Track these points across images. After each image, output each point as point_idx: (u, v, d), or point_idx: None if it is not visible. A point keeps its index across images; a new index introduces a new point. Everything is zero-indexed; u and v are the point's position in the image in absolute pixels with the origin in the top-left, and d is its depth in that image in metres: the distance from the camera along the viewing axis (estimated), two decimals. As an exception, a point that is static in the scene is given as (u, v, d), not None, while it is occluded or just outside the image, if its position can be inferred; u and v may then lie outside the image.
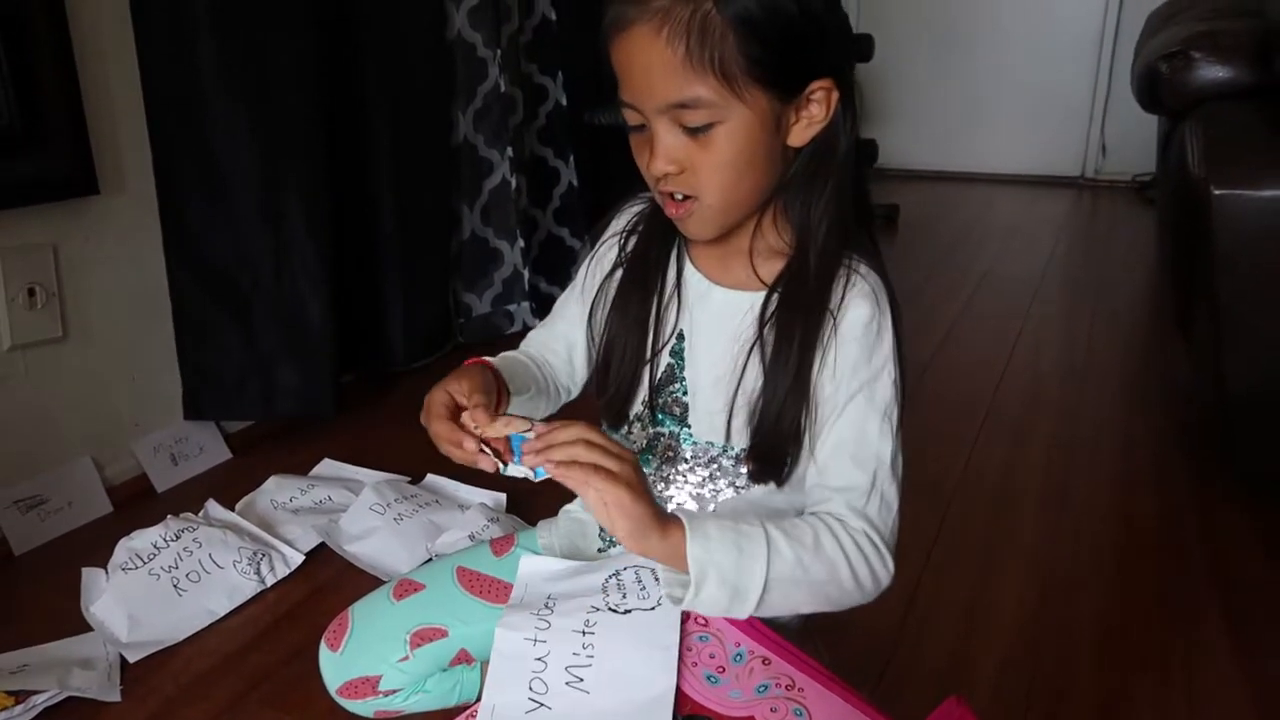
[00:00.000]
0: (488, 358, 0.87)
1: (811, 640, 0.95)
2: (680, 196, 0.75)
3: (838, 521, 0.74)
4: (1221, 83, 1.52)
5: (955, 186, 4.43)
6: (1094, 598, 1.39)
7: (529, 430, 0.72)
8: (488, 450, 0.74)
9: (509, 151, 2.35)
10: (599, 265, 0.90)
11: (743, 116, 0.72)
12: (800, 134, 0.76)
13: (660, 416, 0.84)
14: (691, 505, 0.84)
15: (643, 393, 0.84)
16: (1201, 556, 1.49)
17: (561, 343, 0.95)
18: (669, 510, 0.71)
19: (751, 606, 0.71)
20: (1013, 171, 4.48)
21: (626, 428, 0.86)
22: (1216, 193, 1.38)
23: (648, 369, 0.84)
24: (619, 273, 0.87)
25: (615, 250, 0.89)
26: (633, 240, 0.88)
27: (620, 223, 0.91)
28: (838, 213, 0.78)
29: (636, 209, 0.90)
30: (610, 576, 0.82)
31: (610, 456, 0.68)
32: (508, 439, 0.73)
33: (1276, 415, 1.49)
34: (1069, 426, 1.95)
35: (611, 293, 0.87)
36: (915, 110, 4.45)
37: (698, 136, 0.72)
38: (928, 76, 4.43)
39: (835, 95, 0.75)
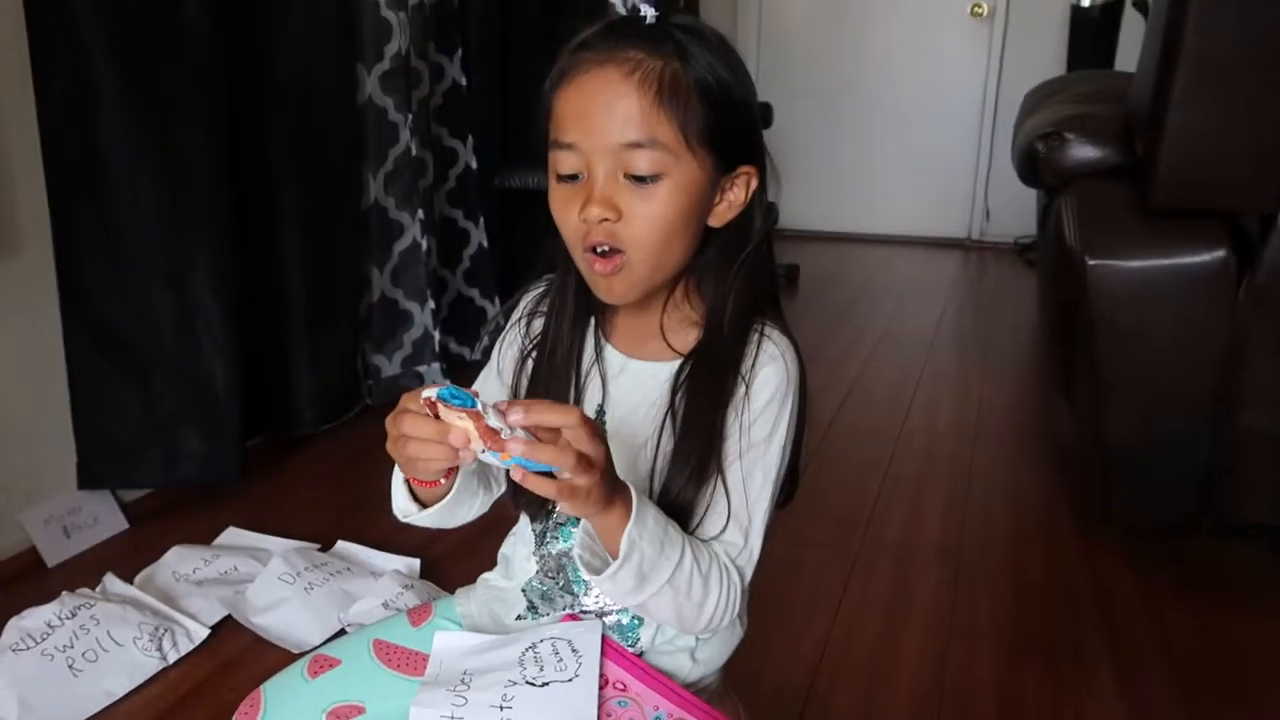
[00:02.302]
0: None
1: (730, 698, 0.97)
2: (606, 250, 0.76)
3: (726, 567, 0.77)
4: (1092, 161, 1.64)
5: (852, 247, 4.62)
6: (990, 648, 1.45)
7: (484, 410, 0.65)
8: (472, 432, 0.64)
9: (419, 214, 2.36)
10: (510, 349, 0.91)
11: (687, 174, 0.75)
12: (720, 215, 0.80)
13: None
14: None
15: None
16: (1088, 605, 1.57)
17: None
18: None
19: (643, 599, 0.73)
20: (904, 233, 4.70)
21: (550, 506, 0.87)
22: (1091, 263, 1.49)
23: None
24: (529, 361, 0.88)
25: (522, 336, 0.90)
26: (536, 323, 0.89)
27: (524, 305, 0.91)
28: (749, 290, 0.82)
29: (538, 291, 0.91)
30: (527, 649, 0.83)
31: (594, 439, 0.66)
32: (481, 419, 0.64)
33: (1151, 471, 1.59)
34: (964, 483, 2.04)
35: (525, 383, 0.88)
36: (813, 174, 4.64)
37: (641, 186, 0.74)
38: (824, 143, 4.64)
39: (754, 183, 0.80)
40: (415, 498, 0.82)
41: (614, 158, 0.73)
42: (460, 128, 2.58)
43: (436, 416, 0.66)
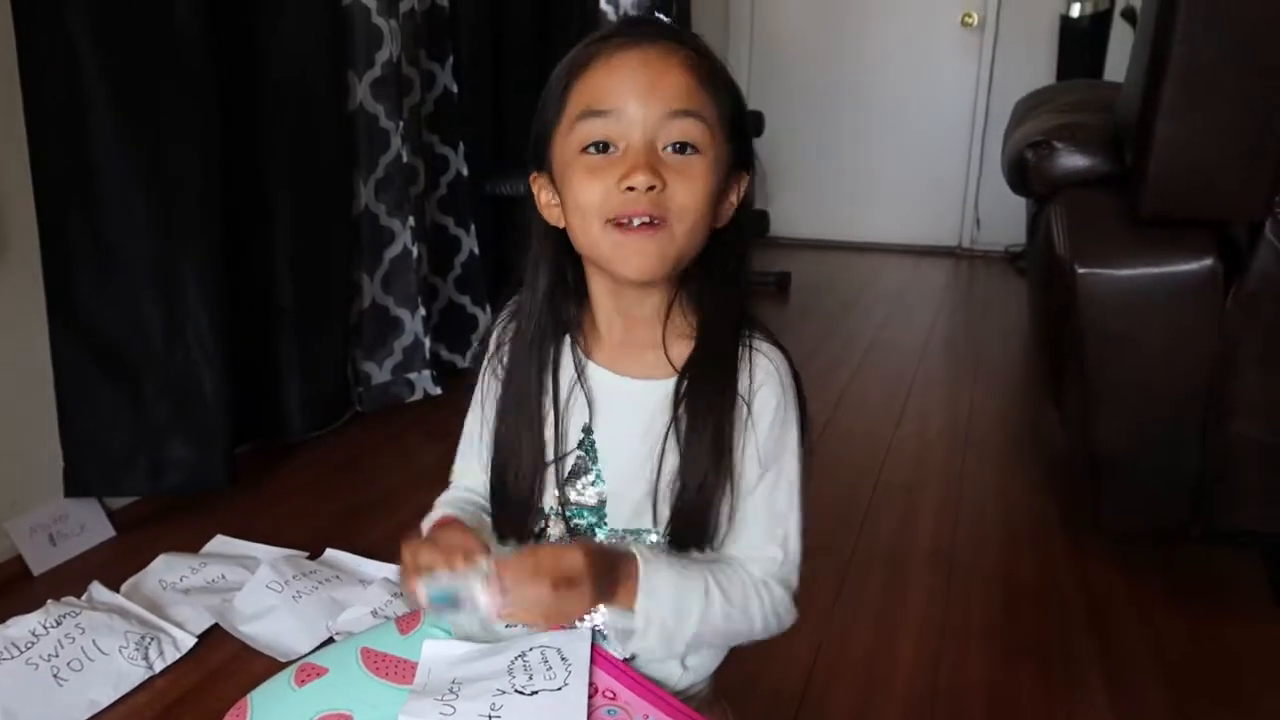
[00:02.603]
0: (450, 513, 0.85)
1: (720, 704, 0.97)
2: (644, 221, 0.74)
3: (762, 584, 0.79)
4: (1081, 170, 1.65)
5: (843, 255, 4.62)
6: (983, 652, 1.45)
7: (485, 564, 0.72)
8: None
9: (410, 221, 2.35)
10: (490, 383, 0.89)
11: (719, 157, 0.76)
12: (723, 214, 0.81)
13: (575, 510, 0.85)
14: None
15: (549, 496, 0.85)
16: (1079, 610, 1.57)
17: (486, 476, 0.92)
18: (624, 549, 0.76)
19: (679, 650, 0.78)
20: (895, 241, 4.71)
21: (539, 528, 0.86)
22: (1080, 271, 1.49)
23: (551, 471, 0.84)
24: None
25: (499, 367, 0.88)
26: (505, 352, 0.87)
27: (497, 335, 0.89)
28: (735, 294, 0.83)
29: (505, 322, 0.89)
30: (516, 658, 0.82)
31: (569, 596, 0.70)
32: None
33: (1141, 478, 1.60)
34: (955, 491, 2.04)
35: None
36: (804, 182, 4.66)
37: (682, 158, 0.74)
38: (815, 151, 4.66)
39: (744, 188, 0.81)
40: None
41: (659, 126, 0.73)
42: (451, 135, 2.58)
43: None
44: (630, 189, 0.73)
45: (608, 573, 0.73)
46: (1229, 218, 1.48)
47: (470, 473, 0.93)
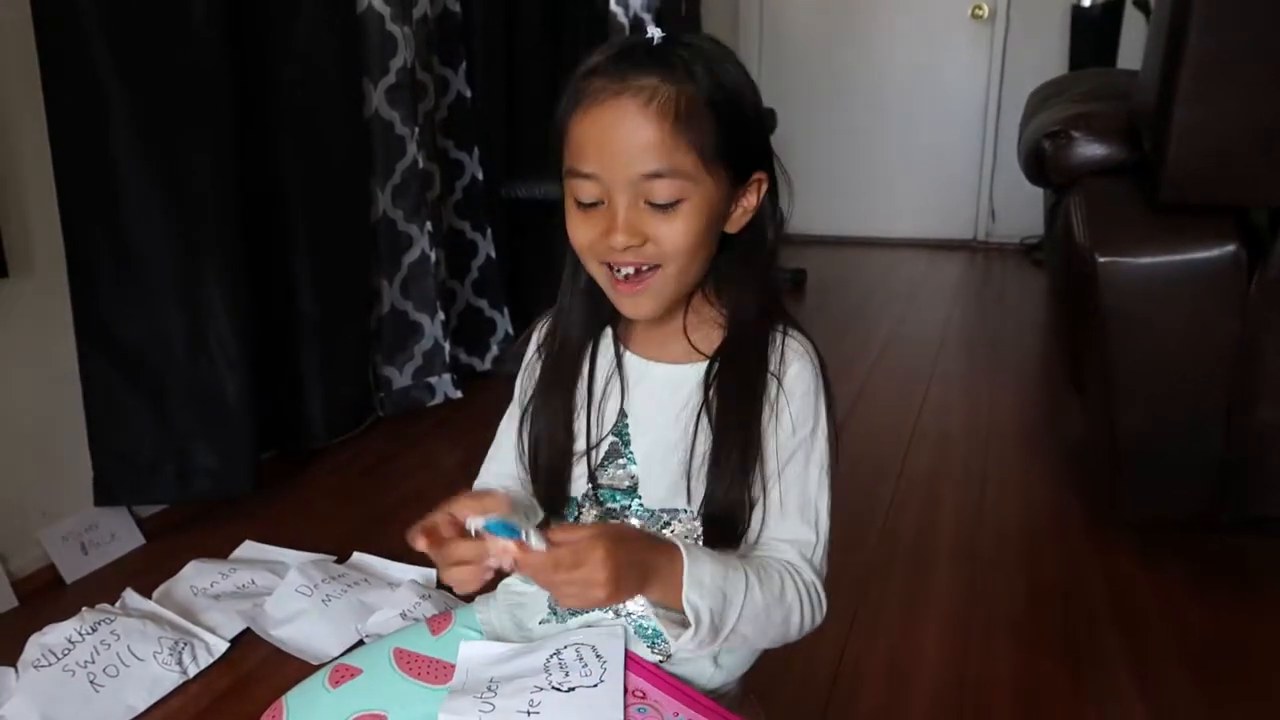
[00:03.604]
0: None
1: (750, 702, 0.97)
2: (630, 273, 0.77)
3: (796, 572, 0.80)
4: (1099, 159, 1.64)
5: (858, 250, 4.62)
6: (1008, 645, 1.45)
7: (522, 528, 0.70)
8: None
9: (428, 226, 2.37)
10: (530, 379, 0.91)
11: (706, 194, 0.76)
12: (736, 221, 0.81)
13: (608, 493, 0.87)
14: None
15: (582, 482, 0.86)
16: (1104, 602, 1.57)
17: (517, 476, 0.93)
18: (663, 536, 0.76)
19: (719, 645, 0.76)
20: (910, 235, 4.70)
21: (578, 510, 0.88)
22: (1101, 260, 1.49)
23: (584, 455, 0.86)
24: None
25: (538, 366, 0.90)
26: (543, 351, 0.90)
27: (539, 335, 0.92)
28: (766, 290, 0.84)
29: (545, 324, 0.91)
30: (551, 656, 0.83)
31: (612, 555, 0.69)
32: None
33: (1165, 466, 1.59)
34: (975, 484, 2.03)
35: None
36: (817, 179, 4.64)
37: (662, 211, 0.75)
38: (827, 147, 4.65)
39: (765, 187, 0.82)
40: None
41: (634, 188, 0.75)
42: (466, 139, 2.60)
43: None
44: (610, 246, 0.76)
45: (647, 554, 0.73)
46: (1249, 202, 1.48)
47: (492, 475, 0.95)
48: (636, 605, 0.84)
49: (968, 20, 4.42)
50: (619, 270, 0.78)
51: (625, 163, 0.74)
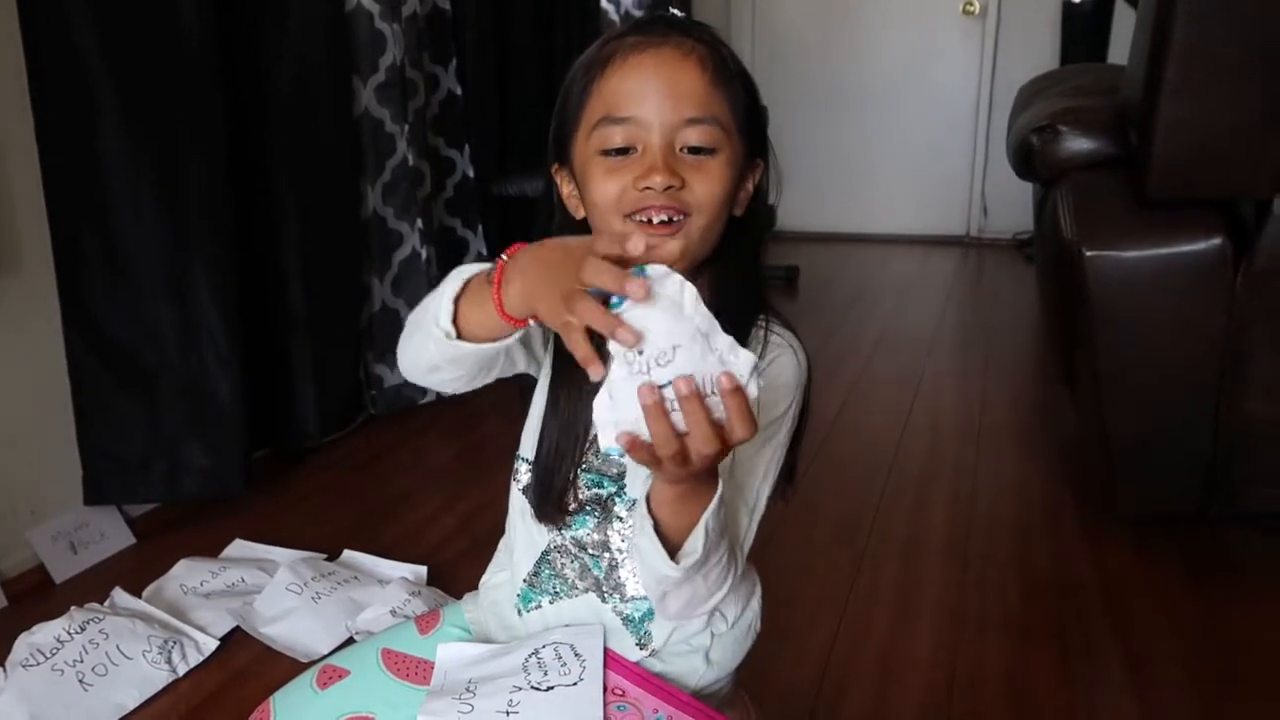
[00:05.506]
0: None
1: (741, 698, 0.98)
2: (664, 220, 0.77)
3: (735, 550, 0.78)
4: (1086, 153, 1.65)
5: (850, 247, 4.62)
6: (1000, 640, 1.45)
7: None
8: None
9: (418, 223, 2.36)
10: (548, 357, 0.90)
11: (734, 154, 0.79)
12: (741, 202, 0.83)
13: (597, 478, 0.87)
14: (628, 564, 0.85)
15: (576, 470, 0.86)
16: (1096, 596, 1.57)
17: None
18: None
19: (693, 584, 0.72)
20: (903, 231, 4.71)
21: (571, 505, 0.88)
22: (1088, 254, 1.49)
23: (576, 444, 0.86)
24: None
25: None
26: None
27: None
28: (750, 280, 0.85)
29: None
30: (530, 655, 0.83)
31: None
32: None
33: (1155, 460, 1.60)
34: (968, 479, 2.04)
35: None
36: (809, 175, 4.65)
37: (698, 159, 0.77)
38: (820, 143, 4.65)
39: (759, 175, 0.84)
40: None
41: (675, 132, 0.76)
42: (457, 137, 2.59)
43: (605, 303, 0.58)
44: (648, 188, 0.76)
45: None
46: (1236, 196, 1.48)
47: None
48: (634, 590, 0.84)
49: (959, 16, 4.43)
50: (651, 218, 0.76)
51: (670, 105, 0.76)
